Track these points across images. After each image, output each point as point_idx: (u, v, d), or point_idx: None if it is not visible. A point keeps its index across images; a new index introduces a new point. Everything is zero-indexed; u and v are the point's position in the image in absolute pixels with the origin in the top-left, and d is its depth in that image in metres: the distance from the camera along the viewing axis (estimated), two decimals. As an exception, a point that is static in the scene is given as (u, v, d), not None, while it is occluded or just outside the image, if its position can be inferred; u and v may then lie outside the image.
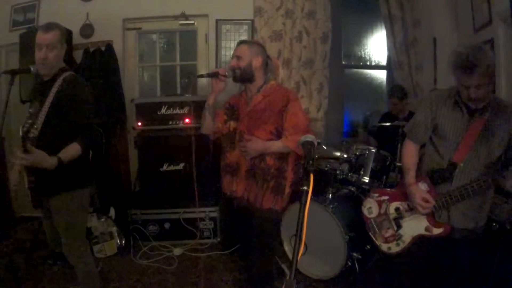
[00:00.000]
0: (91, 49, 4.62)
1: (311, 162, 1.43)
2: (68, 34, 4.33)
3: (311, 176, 1.33)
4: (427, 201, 2.33)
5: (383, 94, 5.40)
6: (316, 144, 1.60)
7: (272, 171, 2.63)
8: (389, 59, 5.15)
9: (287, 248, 3.64)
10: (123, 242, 3.97)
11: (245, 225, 2.93)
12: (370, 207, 2.72)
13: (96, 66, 4.53)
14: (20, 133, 2.23)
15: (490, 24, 3.67)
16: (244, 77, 2.68)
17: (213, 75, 2.71)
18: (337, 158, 3.76)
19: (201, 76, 2.87)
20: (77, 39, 4.67)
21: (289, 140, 2.54)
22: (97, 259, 3.62)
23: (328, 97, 4.88)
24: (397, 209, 2.58)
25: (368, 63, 5.57)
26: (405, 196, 2.52)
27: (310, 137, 1.60)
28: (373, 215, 2.69)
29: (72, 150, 2.39)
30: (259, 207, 2.65)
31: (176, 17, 4.79)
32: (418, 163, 2.53)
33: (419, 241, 2.47)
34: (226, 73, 2.68)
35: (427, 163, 2.46)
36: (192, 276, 3.55)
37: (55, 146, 2.37)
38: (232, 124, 2.80)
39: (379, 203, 2.68)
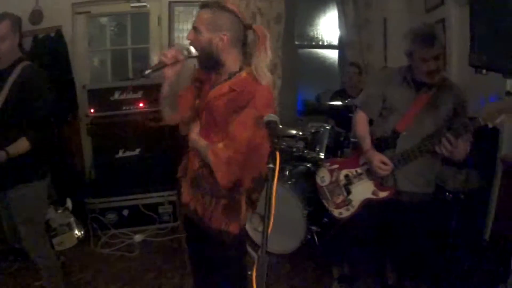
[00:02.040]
0: (40, 36, 4.43)
1: (276, 140, 1.46)
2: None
3: (278, 154, 1.36)
4: (385, 164, 2.44)
5: (335, 73, 5.50)
6: (278, 122, 1.62)
7: (221, 189, 1.93)
8: (341, 39, 5.24)
9: (248, 226, 3.70)
10: (82, 232, 3.90)
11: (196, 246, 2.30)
12: (323, 176, 2.85)
13: (45, 54, 4.34)
14: None
15: (442, 5, 3.80)
16: (205, 62, 1.93)
17: (159, 68, 1.87)
18: (292, 136, 3.82)
19: (145, 75, 1.84)
20: (26, 26, 4.44)
21: (213, 150, 1.87)
22: (57, 252, 3.55)
23: (282, 77, 4.93)
24: (346, 176, 2.72)
25: (320, 43, 5.63)
26: (353, 164, 2.69)
27: (272, 116, 1.62)
28: (325, 183, 2.83)
29: (21, 145, 2.36)
30: (207, 224, 2.03)
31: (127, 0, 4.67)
32: None
33: (370, 205, 2.61)
34: (181, 55, 1.87)
35: (375, 132, 2.60)
36: (155, 261, 3.56)
37: (8, 137, 2.34)
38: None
39: (331, 172, 2.81)
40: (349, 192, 2.70)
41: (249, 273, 3.02)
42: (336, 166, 2.79)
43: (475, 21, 3.02)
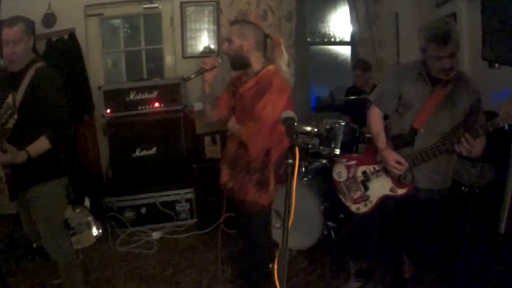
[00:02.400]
0: (54, 39, 4.51)
1: (294, 136, 1.49)
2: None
3: (296, 149, 1.39)
4: (400, 164, 2.45)
5: (347, 69, 5.50)
6: (296, 119, 1.66)
7: (254, 165, 2.46)
8: (352, 35, 5.25)
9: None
10: (101, 231, 3.95)
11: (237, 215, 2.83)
12: (340, 172, 2.84)
13: (59, 56, 4.43)
14: None
15: (452, -1, 3.79)
16: (237, 63, 2.44)
17: (201, 73, 2.41)
18: (308, 133, 3.84)
19: (189, 79, 2.45)
20: (39, 29, 4.51)
21: (245, 129, 2.41)
22: (76, 250, 3.61)
23: (295, 74, 4.96)
24: (364, 172, 2.71)
25: (332, 40, 5.64)
26: (371, 160, 2.67)
27: (290, 113, 1.66)
28: (342, 179, 2.82)
29: (41, 144, 2.41)
30: (242, 197, 2.53)
31: (139, 1, 4.73)
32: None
33: (387, 201, 2.61)
34: (216, 63, 2.40)
35: (392, 130, 2.60)
36: (173, 257, 3.61)
37: (26, 137, 2.39)
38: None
39: (348, 168, 2.81)
40: (366, 188, 2.69)
41: (271, 265, 3.11)
42: (353, 162, 2.79)
43: (487, 15, 3.01)
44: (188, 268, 3.43)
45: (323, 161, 3.87)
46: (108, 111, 4.17)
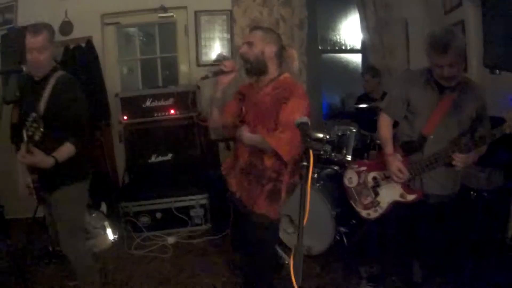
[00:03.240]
0: (71, 46, 4.62)
1: (308, 140, 1.56)
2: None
3: (311, 152, 1.46)
4: (401, 172, 2.52)
5: (358, 77, 5.55)
6: (309, 124, 1.73)
7: (269, 174, 2.41)
8: (363, 42, 5.30)
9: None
10: (117, 235, 4.04)
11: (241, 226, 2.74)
12: (351, 177, 2.93)
13: (77, 63, 4.54)
14: (25, 137, 2.31)
15: (460, 6, 3.83)
16: (256, 69, 2.37)
17: (218, 74, 2.39)
18: (320, 139, 3.89)
19: (206, 77, 2.38)
20: (56, 36, 4.62)
21: (272, 137, 2.29)
22: (95, 254, 3.69)
23: (306, 81, 5.02)
24: (374, 178, 2.78)
25: (343, 47, 5.70)
26: (381, 167, 2.73)
27: (304, 118, 1.73)
28: (353, 185, 2.90)
29: (67, 149, 2.49)
30: (252, 209, 2.45)
31: (155, 10, 4.83)
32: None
33: (397, 207, 2.66)
34: (235, 67, 2.39)
35: (401, 136, 2.65)
36: (188, 262, 3.67)
37: (50, 143, 2.47)
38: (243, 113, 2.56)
39: (358, 174, 2.89)
40: (377, 194, 2.76)
41: (286, 262, 3.16)
42: (364, 168, 2.86)
43: (487, 22, 3.06)
44: (203, 272, 3.48)
45: (335, 168, 3.92)
46: (125, 117, 4.28)
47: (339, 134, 3.80)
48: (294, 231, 3.68)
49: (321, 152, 3.83)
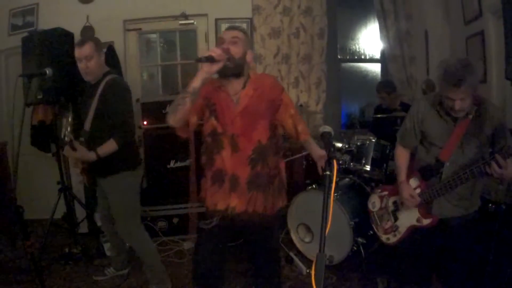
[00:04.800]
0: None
1: (332, 149, 1.57)
2: (69, 36, 4.42)
3: (335, 161, 1.47)
4: (413, 197, 2.51)
5: (377, 86, 5.55)
6: (332, 133, 1.75)
7: (273, 171, 2.38)
8: (383, 52, 5.30)
9: (294, 237, 3.79)
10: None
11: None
12: (374, 202, 2.95)
13: (98, 68, 4.61)
14: (65, 136, 2.79)
15: (480, 17, 3.81)
16: (233, 70, 2.18)
17: (210, 59, 2.03)
18: (339, 149, 3.89)
19: (200, 60, 2.04)
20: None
21: (304, 133, 2.48)
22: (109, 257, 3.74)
23: (326, 90, 5.03)
24: (394, 202, 2.79)
25: (362, 57, 5.71)
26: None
27: (327, 128, 1.74)
28: (376, 209, 2.93)
29: (109, 146, 2.84)
30: (269, 213, 2.36)
31: (176, 17, 4.89)
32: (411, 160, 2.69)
33: (416, 231, 2.63)
34: (224, 57, 2.07)
35: (419, 161, 2.61)
36: (204, 267, 3.67)
37: (97, 139, 2.88)
38: (214, 122, 2.29)
39: (381, 198, 2.91)
40: (396, 219, 2.77)
41: (308, 271, 3.15)
42: (385, 192, 2.89)
43: (509, 33, 3.03)
44: (218, 277, 3.49)
45: (354, 177, 3.91)
46: (145, 122, 4.33)
47: (358, 144, 3.80)
48: (311, 240, 3.67)
49: (340, 162, 3.82)
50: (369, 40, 5.65)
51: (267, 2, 4.80)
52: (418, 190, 2.54)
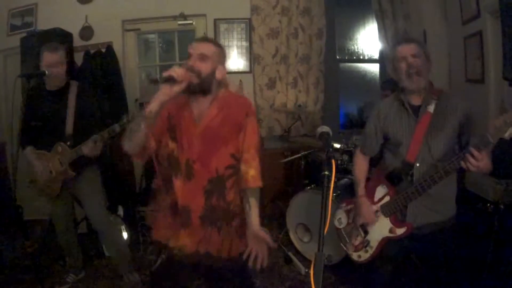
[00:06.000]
0: (92, 51, 4.70)
1: (330, 149, 1.57)
2: (68, 36, 4.43)
3: (333, 161, 1.48)
4: (370, 216, 2.45)
5: (376, 87, 5.56)
6: (331, 133, 1.76)
7: (233, 208, 2.11)
8: (381, 52, 5.31)
9: (293, 236, 3.81)
10: (133, 239, 4.07)
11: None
12: (340, 218, 2.75)
13: (97, 68, 4.62)
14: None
15: (478, 17, 3.82)
16: (201, 88, 1.99)
17: (170, 80, 1.87)
18: (337, 149, 3.90)
19: (156, 81, 1.97)
20: (77, 41, 4.73)
21: (249, 179, 2.07)
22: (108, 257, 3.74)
23: (324, 91, 5.04)
24: None
25: (361, 57, 5.72)
26: (369, 201, 2.52)
27: (326, 128, 1.75)
28: (342, 225, 2.72)
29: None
30: (225, 257, 2.08)
31: (174, 18, 4.89)
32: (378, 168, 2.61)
33: (390, 243, 2.44)
34: (188, 78, 1.92)
35: (386, 167, 2.48)
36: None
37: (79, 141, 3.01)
38: (172, 145, 2.07)
39: (347, 212, 2.72)
40: (366, 233, 2.54)
41: (307, 270, 3.16)
42: (352, 206, 2.69)
43: (507, 34, 3.03)
44: (217, 279, 3.49)
45: (352, 177, 3.91)
46: (144, 123, 4.28)
47: (356, 143, 3.80)
48: (309, 240, 3.68)
49: (339, 162, 3.83)
50: (368, 40, 5.65)
51: (266, 3, 4.81)
52: (387, 199, 2.40)
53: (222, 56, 2.07)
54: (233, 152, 2.06)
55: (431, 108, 2.26)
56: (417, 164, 2.27)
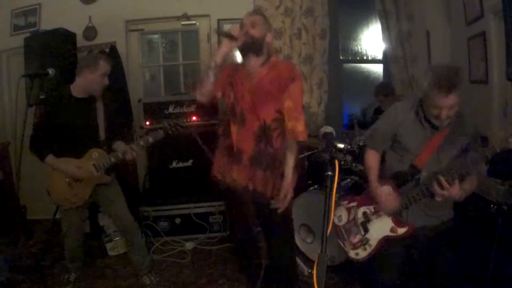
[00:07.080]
0: (95, 51, 4.70)
1: (334, 150, 1.58)
2: (71, 37, 4.43)
3: (336, 162, 1.48)
4: (391, 195, 2.39)
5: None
6: (334, 134, 1.75)
7: (278, 156, 2.54)
8: (385, 53, 5.31)
9: (296, 237, 3.79)
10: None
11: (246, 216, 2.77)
12: (340, 215, 2.72)
13: (101, 68, 4.61)
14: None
15: (482, 18, 3.82)
16: (253, 48, 2.47)
17: (229, 36, 2.45)
18: (340, 150, 3.89)
19: (221, 33, 2.63)
20: (80, 41, 4.74)
21: (298, 133, 2.50)
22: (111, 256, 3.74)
23: (328, 91, 5.04)
24: (364, 213, 2.59)
25: (364, 58, 5.70)
26: (372, 201, 2.54)
27: (329, 128, 1.75)
28: (342, 223, 2.69)
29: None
30: (270, 195, 2.55)
31: (178, 18, 4.90)
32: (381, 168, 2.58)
33: (388, 243, 2.47)
34: (240, 37, 2.44)
35: (391, 168, 2.49)
36: (206, 268, 3.70)
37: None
38: (231, 96, 2.61)
39: (348, 210, 2.69)
40: (366, 231, 2.56)
41: (310, 271, 3.16)
42: (354, 204, 2.67)
43: (510, 35, 3.03)
44: (221, 278, 3.51)
45: (355, 178, 3.91)
46: (147, 123, 4.33)
47: (360, 144, 3.80)
48: (312, 241, 3.68)
49: (342, 162, 3.82)
50: (371, 40, 5.63)
51: (269, 3, 4.80)
52: None
53: (269, 26, 2.58)
54: (278, 108, 2.49)
55: (449, 127, 2.26)
56: (424, 174, 2.31)
